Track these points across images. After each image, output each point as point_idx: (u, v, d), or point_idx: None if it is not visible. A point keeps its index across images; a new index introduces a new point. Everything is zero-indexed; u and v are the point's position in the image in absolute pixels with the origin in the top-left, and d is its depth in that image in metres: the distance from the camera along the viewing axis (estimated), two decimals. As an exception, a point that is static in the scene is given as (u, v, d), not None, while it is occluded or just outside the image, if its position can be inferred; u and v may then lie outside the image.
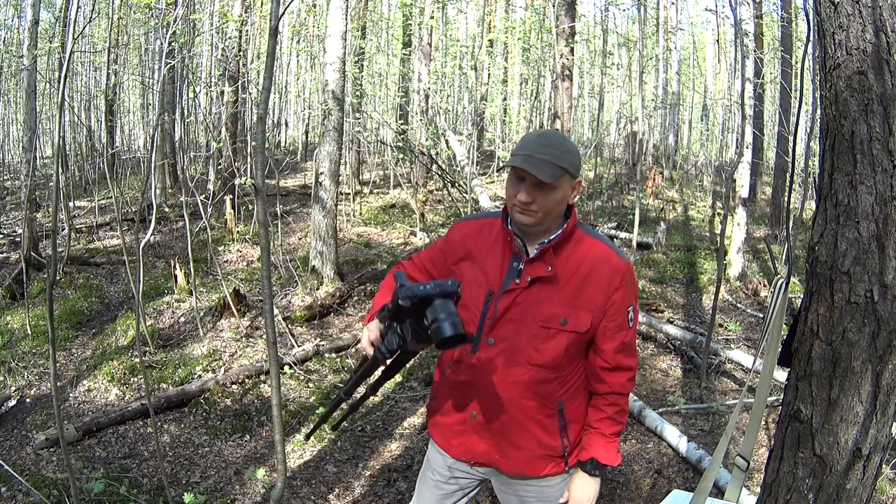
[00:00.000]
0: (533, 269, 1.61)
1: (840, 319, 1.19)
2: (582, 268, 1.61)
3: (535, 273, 1.60)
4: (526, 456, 1.69)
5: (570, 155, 1.56)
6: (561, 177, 1.54)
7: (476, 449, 1.73)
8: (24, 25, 11.12)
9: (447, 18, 17.23)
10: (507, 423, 1.67)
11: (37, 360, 4.75)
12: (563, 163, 1.54)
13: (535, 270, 1.61)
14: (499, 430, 1.69)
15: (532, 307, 1.61)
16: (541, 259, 1.61)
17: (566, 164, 1.54)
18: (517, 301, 1.61)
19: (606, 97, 17.68)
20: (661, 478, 3.50)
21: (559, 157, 1.54)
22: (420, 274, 1.83)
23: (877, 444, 1.21)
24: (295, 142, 19.34)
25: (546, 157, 1.53)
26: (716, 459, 1.63)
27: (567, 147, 1.57)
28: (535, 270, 1.61)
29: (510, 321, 1.62)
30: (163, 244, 8.04)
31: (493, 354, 1.64)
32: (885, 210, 1.13)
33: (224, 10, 9.83)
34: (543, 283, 1.61)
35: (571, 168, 1.56)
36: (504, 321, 1.62)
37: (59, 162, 3.75)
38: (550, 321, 1.60)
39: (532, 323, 1.61)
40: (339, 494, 3.37)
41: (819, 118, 1.35)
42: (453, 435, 1.76)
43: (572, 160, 1.56)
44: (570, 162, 1.56)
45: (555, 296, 1.60)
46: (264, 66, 2.69)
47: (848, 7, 1.16)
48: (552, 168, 1.52)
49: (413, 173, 11.64)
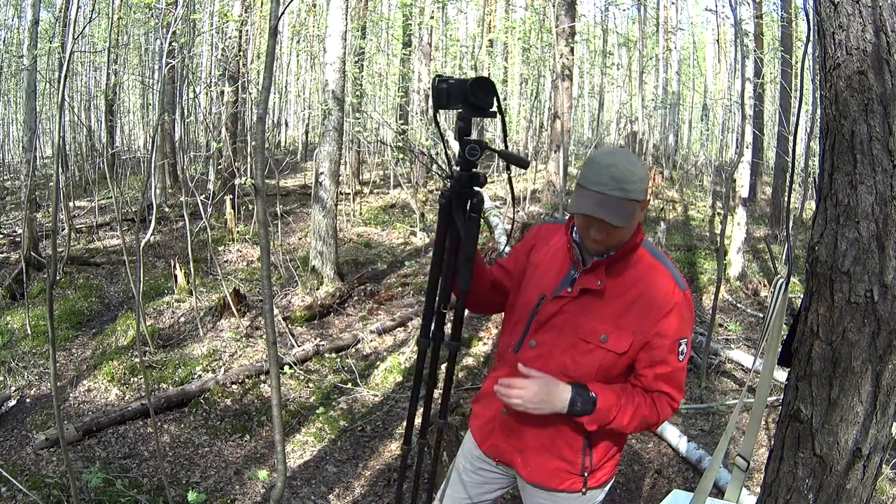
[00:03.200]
0: (584, 281, 1.59)
1: (840, 319, 1.19)
2: (634, 288, 1.56)
3: (585, 284, 1.58)
4: (545, 465, 1.67)
5: (641, 181, 1.48)
6: (633, 211, 1.49)
7: (501, 447, 1.73)
8: (24, 25, 11.12)
9: (447, 18, 17.23)
10: (532, 427, 1.64)
11: (37, 360, 4.75)
12: (636, 195, 1.47)
13: (586, 282, 1.58)
14: (524, 432, 1.67)
15: (576, 317, 1.58)
16: (593, 271, 1.58)
17: (638, 196, 1.48)
18: (564, 309, 1.60)
19: (606, 97, 17.68)
20: (661, 478, 3.50)
21: (631, 191, 1.46)
22: (503, 274, 1.80)
23: (877, 444, 1.21)
24: (295, 142, 19.34)
25: (618, 193, 1.45)
26: (716, 459, 1.63)
27: (636, 173, 1.48)
28: (586, 282, 1.58)
29: (553, 327, 1.61)
30: (163, 244, 8.04)
31: (532, 357, 1.62)
32: (885, 210, 1.13)
33: (224, 10, 9.83)
34: (592, 296, 1.58)
35: (642, 195, 1.50)
36: (548, 326, 1.61)
37: (59, 162, 3.75)
38: (591, 335, 1.57)
39: (573, 333, 1.58)
40: (339, 494, 3.37)
41: (819, 118, 1.35)
42: (485, 429, 1.76)
43: (642, 185, 1.49)
44: (640, 189, 1.48)
45: (600, 311, 1.57)
46: (264, 66, 2.69)
47: (848, 7, 1.16)
48: (626, 208, 1.46)
49: (413, 173, 11.64)
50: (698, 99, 19.27)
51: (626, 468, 3.58)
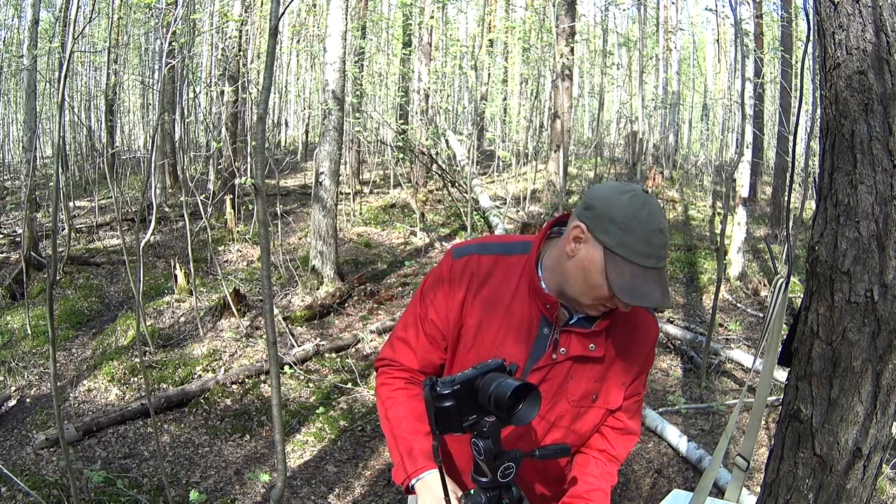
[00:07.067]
0: (570, 343, 1.31)
1: (840, 319, 1.19)
2: (623, 338, 1.35)
3: (575, 352, 1.31)
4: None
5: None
6: None
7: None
8: (24, 25, 11.12)
9: (447, 18, 17.23)
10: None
11: (37, 360, 4.75)
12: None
13: (574, 345, 1.31)
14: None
15: (563, 383, 1.33)
16: (586, 336, 1.31)
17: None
18: (547, 377, 1.32)
19: (606, 97, 17.69)
20: (661, 477, 3.50)
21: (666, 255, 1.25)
22: (435, 350, 1.39)
23: (877, 444, 1.21)
24: (295, 142, 19.33)
25: (664, 262, 1.23)
26: (716, 459, 1.63)
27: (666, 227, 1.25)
28: (574, 345, 1.31)
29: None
30: (163, 244, 8.04)
31: (515, 436, 1.33)
32: (886, 210, 1.13)
33: (224, 10, 9.82)
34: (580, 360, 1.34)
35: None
36: None
37: (59, 162, 3.75)
38: (583, 400, 1.35)
39: (563, 402, 1.35)
40: (339, 494, 3.37)
41: (819, 118, 1.35)
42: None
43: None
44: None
45: (589, 371, 1.34)
46: (264, 66, 2.69)
47: (848, 7, 1.16)
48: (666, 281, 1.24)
49: (413, 173, 11.63)
50: (698, 99, 19.26)
51: (626, 468, 3.58)
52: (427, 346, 1.38)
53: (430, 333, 1.37)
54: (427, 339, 1.38)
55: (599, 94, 15.01)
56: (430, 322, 1.37)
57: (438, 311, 1.36)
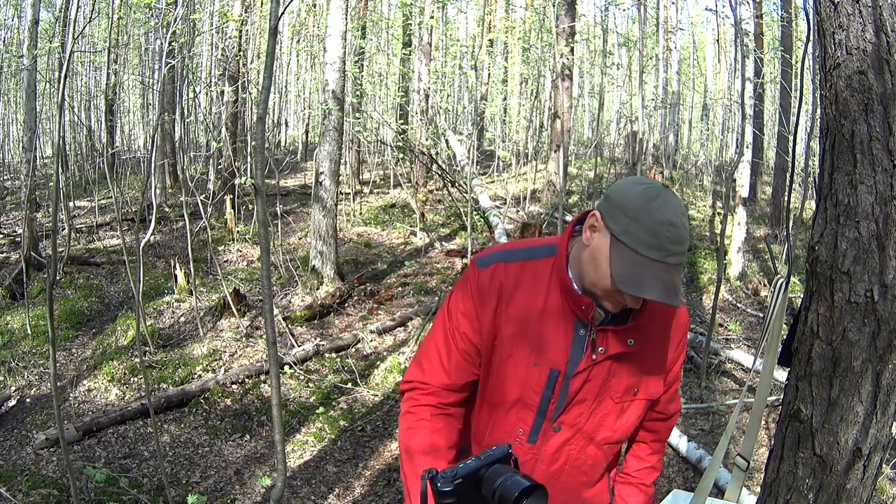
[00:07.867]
0: (608, 342, 1.29)
1: (840, 319, 1.19)
2: (656, 329, 1.35)
3: (614, 350, 1.29)
4: None
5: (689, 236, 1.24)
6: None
7: None
8: (24, 25, 11.11)
9: (447, 18, 17.23)
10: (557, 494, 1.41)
11: (37, 360, 4.75)
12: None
13: (611, 343, 1.29)
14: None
15: (606, 381, 1.32)
16: (623, 332, 1.29)
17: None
18: (589, 378, 1.30)
19: (606, 97, 17.68)
20: (661, 477, 3.51)
21: (685, 253, 1.21)
22: (471, 364, 1.35)
23: (877, 444, 1.21)
24: (295, 142, 19.33)
25: (681, 259, 1.19)
26: (716, 459, 1.63)
27: (688, 226, 1.22)
28: (611, 343, 1.29)
29: (581, 402, 1.32)
30: (163, 244, 8.04)
31: (560, 442, 1.35)
32: (885, 210, 1.13)
33: (224, 10, 9.83)
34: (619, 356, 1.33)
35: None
36: (574, 403, 1.32)
37: (59, 162, 3.75)
38: (626, 395, 1.35)
39: (607, 400, 1.34)
40: (339, 494, 3.37)
41: (819, 118, 1.35)
42: None
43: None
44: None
45: (629, 365, 1.33)
46: (264, 66, 2.69)
47: (848, 7, 1.16)
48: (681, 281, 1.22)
49: (413, 173, 11.63)
50: (698, 99, 19.26)
51: (626, 468, 3.58)
52: (461, 361, 1.34)
53: (462, 349, 1.34)
54: (460, 355, 1.34)
55: (599, 94, 15.00)
56: (463, 336, 1.33)
57: (472, 324, 1.32)
